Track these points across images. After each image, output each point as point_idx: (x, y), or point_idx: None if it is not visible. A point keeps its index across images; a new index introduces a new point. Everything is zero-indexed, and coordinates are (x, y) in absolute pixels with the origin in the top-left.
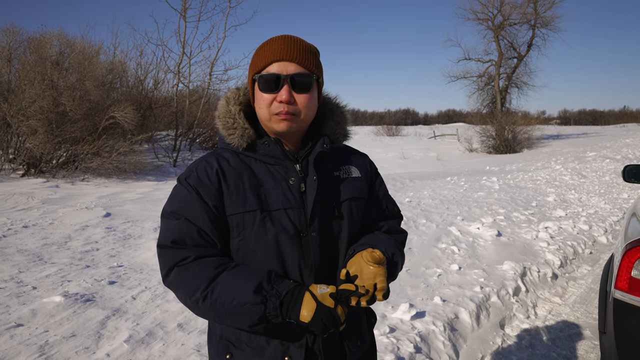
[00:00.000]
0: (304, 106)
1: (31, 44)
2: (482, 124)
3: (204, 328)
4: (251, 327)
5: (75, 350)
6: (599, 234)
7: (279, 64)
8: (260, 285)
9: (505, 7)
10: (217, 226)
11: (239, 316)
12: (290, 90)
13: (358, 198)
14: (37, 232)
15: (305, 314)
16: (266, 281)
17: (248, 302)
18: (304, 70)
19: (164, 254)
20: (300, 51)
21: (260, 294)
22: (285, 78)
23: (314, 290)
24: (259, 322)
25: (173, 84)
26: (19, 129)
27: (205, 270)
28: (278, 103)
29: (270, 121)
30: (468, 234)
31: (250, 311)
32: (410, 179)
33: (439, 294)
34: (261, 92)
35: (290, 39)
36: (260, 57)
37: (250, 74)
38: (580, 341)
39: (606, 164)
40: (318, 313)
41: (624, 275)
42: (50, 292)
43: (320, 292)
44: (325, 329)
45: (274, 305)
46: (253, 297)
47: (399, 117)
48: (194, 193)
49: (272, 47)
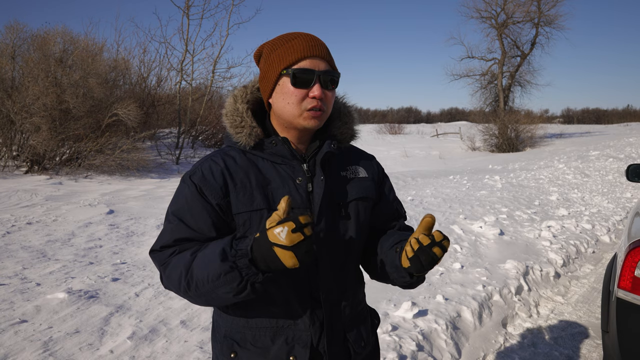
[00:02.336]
0: (330, 103)
1: (35, 42)
2: (485, 123)
3: (207, 325)
4: (238, 295)
5: (79, 347)
6: (601, 233)
7: (311, 60)
8: (223, 252)
9: (508, 5)
10: (217, 225)
11: (221, 291)
12: (321, 87)
13: (365, 198)
14: (41, 228)
15: (291, 263)
16: (228, 246)
17: (221, 273)
18: (331, 68)
19: (154, 259)
20: (326, 49)
21: (227, 260)
22: (319, 74)
23: (275, 238)
24: (243, 288)
25: (176, 82)
26: (22, 126)
27: (182, 258)
28: (311, 99)
29: (299, 117)
30: (470, 232)
31: (227, 281)
32: (413, 177)
33: (441, 292)
34: (293, 87)
35: (315, 36)
36: (289, 52)
37: (275, 67)
38: (583, 340)
39: (609, 163)
40: (299, 253)
41: (627, 275)
42: (54, 289)
43: (284, 236)
44: (311, 250)
45: (245, 265)
46: (222, 266)
47: (401, 115)
48: (196, 191)
49: (302, 43)
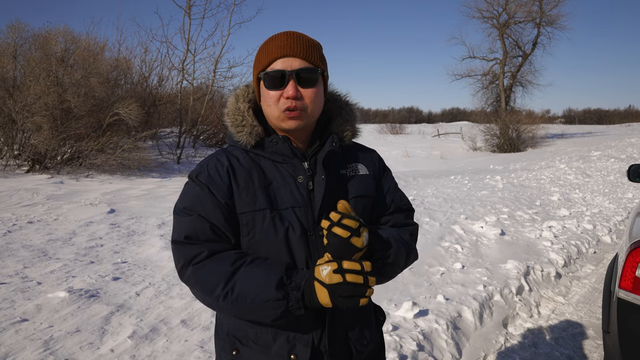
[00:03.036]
0: (310, 101)
1: (36, 41)
2: (487, 123)
3: (207, 324)
4: (274, 321)
5: (80, 346)
6: (603, 233)
7: (284, 60)
8: (281, 281)
9: (510, 5)
10: (230, 222)
11: (262, 312)
12: (297, 85)
13: (365, 196)
14: (42, 227)
15: (325, 301)
16: (286, 276)
17: (271, 299)
18: (309, 65)
19: (178, 250)
20: (303, 46)
21: (282, 289)
22: (290, 74)
23: (318, 274)
24: (282, 316)
25: (177, 81)
26: (24, 125)
27: (221, 266)
28: (285, 99)
29: (278, 119)
30: (471, 232)
31: (274, 307)
32: (414, 177)
33: (442, 292)
34: (267, 90)
35: (293, 34)
36: (264, 55)
37: (255, 72)
38: (584, 340)
39: (611, 164)
40: (333, 294)
41: (628, 275)
42: (55, 288)
43: (325, 274)
44: (353, 298)
45: (295, 298)
46: (275, 293)
47: (402, 115)
48: (206, 190)
49: (275, 44)
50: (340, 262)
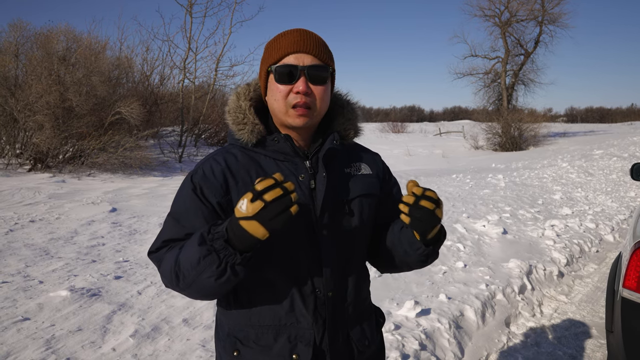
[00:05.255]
0: (319, 98)
1: (38, 40)
2: (488, 121)
3: (209, 323)
4: (220, 279)
5: (82, 345)
6: (605, 232)
7: (296, 56)
8: (202, 237)
9: (512, 4)
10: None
11: (204, 276)
12: (307, 82)
13: (369, 195)
14: (44, 226)
15: (260, 233)
16: (205, 231)
17: (200, 257)
18: (320, 62)
19: (153, 260)
20: (315, 43)
21: (205, 244)
22: (302, 69)
23: (239, 213)
24: (223, 271)
25: (179, 80)
26: (25, 124)
27: (172, 253)
28: (295, 94)
29: (286, 114)
30: (474, 231)
31: (208, 264)
32: (416, 176)
33: (444, 291)
34: (277, 84)
35: (305, 31)
36: (276, 49)
37: (264, 66)
38: (587, 340)
39: (613, 162)
40: (264, 221)
41: (632, 274)
42: (57, 287)
43: (244, 208)
44: (283, 213)
45: (221, 246)
46: (200, 250)
47: (404, 113)
48: (194, 192)
49: (287, 39)
50: (253, 188)
